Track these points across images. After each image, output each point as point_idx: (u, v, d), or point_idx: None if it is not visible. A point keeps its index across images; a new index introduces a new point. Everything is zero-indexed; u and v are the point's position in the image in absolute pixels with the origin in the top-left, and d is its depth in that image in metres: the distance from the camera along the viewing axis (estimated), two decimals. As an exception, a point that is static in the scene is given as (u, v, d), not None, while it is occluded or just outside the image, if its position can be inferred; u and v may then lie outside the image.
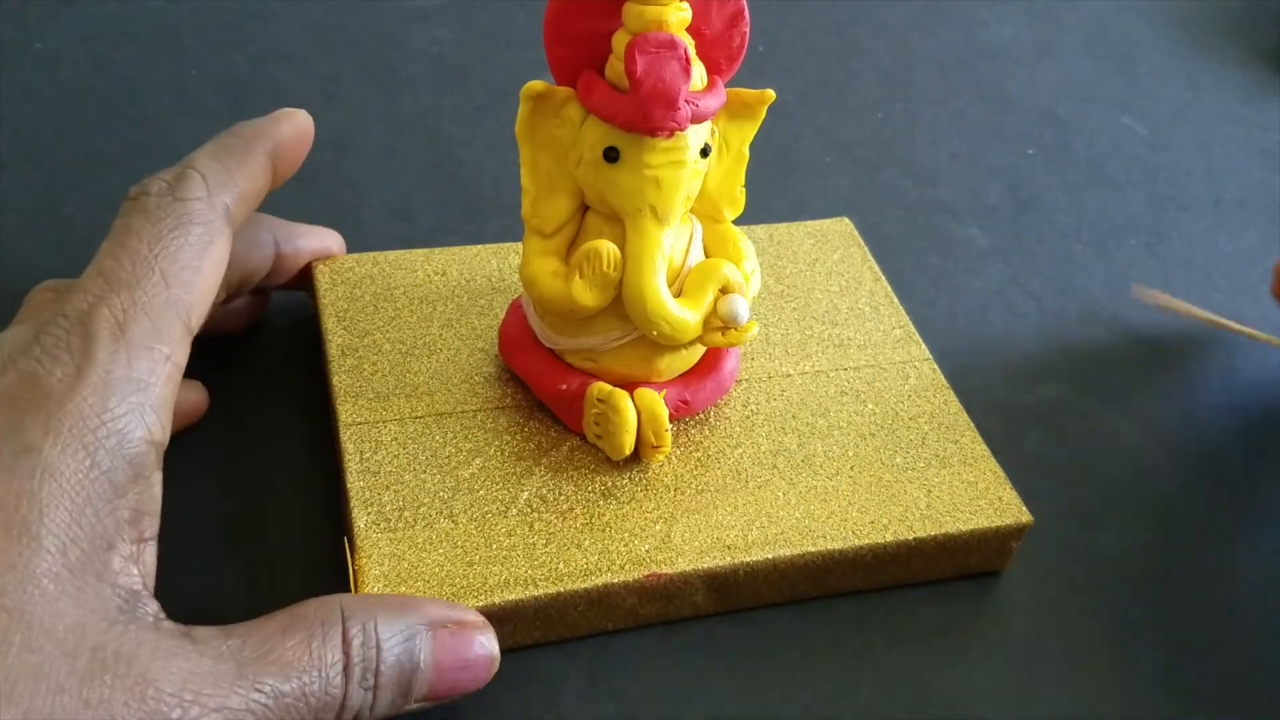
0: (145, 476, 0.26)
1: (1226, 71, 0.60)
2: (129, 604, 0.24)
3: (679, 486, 0.32)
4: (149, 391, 0.26)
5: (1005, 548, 0.33)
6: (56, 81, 0.47)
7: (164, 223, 0.28)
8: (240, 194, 0.30)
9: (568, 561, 0.30)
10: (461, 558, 0.30)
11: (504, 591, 0.29)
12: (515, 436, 0.33)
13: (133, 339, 0.26)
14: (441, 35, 0.53)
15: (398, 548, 0.30)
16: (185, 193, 0.28)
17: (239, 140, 0.31)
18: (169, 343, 0.27)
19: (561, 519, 0.31)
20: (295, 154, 0.32)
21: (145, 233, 0.28)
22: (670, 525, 0.31)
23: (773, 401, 0.35)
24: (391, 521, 0.30)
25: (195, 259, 0.28)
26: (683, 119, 0.28)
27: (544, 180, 0.31)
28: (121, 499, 0.25)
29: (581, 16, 0.29)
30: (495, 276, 0.38)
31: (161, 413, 0.26)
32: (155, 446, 0.26)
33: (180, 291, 0.27)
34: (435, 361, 0.35)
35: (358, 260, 0.37)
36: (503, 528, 0.31)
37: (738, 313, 0.31)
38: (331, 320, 0.35)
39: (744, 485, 0.33)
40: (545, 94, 0.30)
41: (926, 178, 0.50)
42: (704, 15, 0.30)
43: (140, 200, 0.28)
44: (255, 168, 0.31)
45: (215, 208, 0.29)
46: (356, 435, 0.32)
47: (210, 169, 0.29)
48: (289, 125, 0.32)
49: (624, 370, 0.32)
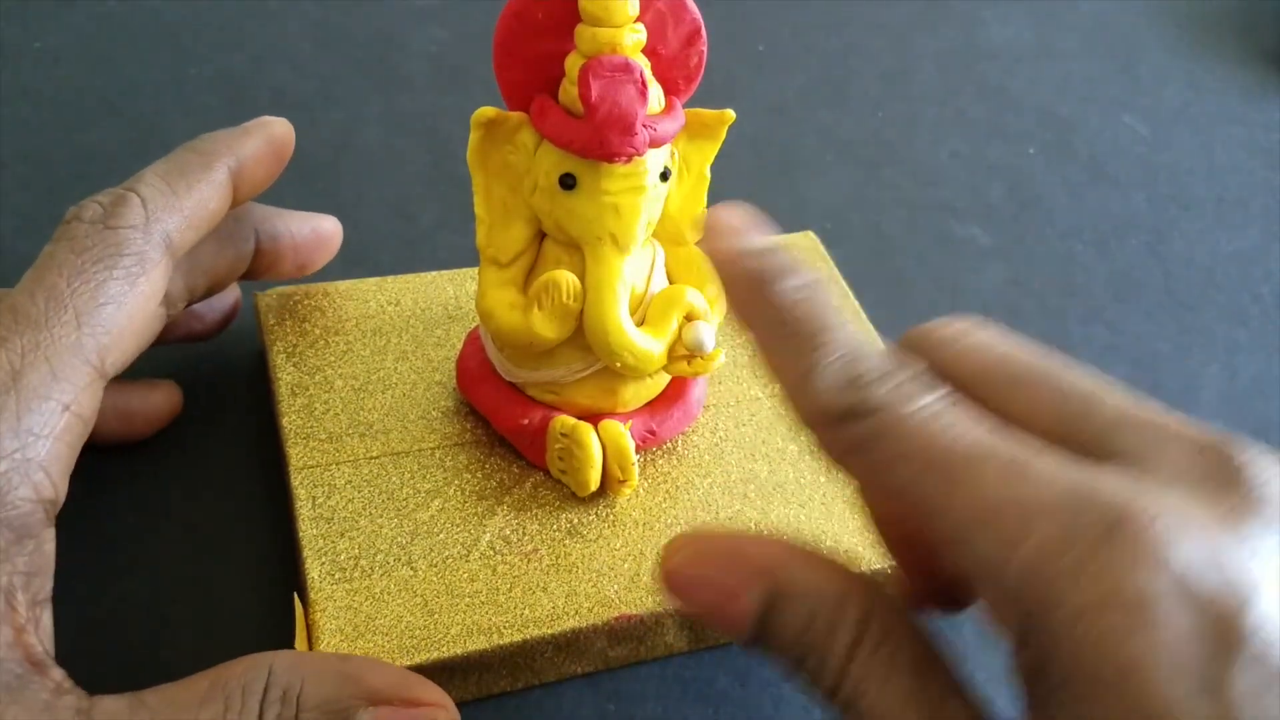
0: (33, 536, 0.23)
1: (1227, 71, 0.58)
2: (20, 679, 0.22)
3: (647, 521, 0.31)
4: (38, 446, 0.23)
5: None
6: (56, 81, 0.46)
7: (89, 253, 0.25)
8: (186, 219, 0.27)
9: (533, 606, 0.28)
10: (421, 606, 0.28)
11: (467, 641, 0.27)
12: (476, 474, 0.31)
13: (27, 388, 0.24)
14: (440, 35, 0.52)
15: (354, 599, 0.28)
16: (118, 220, 0.26)
17: (196, 157, 0.28)
18: (70, 390, 0.24)
19: (526, 561, 0.29)
20: (265, 168, 0.30)
21: (67, 265, 0.25)
22: (639, 563, 0.30)
23: (741, 427, 0.33)
24: (347, 571, 0.28)
25: (120, 293, 0.25)
26: (640, 144, 0.27)
27: (499, 208, 0.29)
28: (4, 564, 0.23)
29: (532, 38, 0.28)
30: (451, 305, 0.36)
31: (53, 468, 0.24)
32: (45, 505, 0.24)
33: (93, 331, 0.25)
34: (390, 397, 0.33)
35: (306, 291, 0.35)
36: (464, 573, 0.29)
37: (703, 340, 0.29)
38: (280, 356, 0.33)
39: (714, 517, 0.31)
40: (497, 120, 0.28)
41: (927, 177, 0.48)
42: (660, 35, 0.28)
43: (71, 227, 0.26)
44: (210, 188, 0.28)
45: (151, 236, 0.26)
46: (308, 479, 0.30)
47: (153, 192, 0.27)
48: (259, 139, 0.30)
49: (587, 402, 0.31)
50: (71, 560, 0.29)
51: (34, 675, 0.22)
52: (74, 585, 0.29)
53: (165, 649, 0.29)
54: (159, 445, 0.33)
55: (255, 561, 0.31)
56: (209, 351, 0.36)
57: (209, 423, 0.34)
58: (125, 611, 0.29)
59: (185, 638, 0.29)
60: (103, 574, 0.26)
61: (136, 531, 0.31)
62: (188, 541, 0.31)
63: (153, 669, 0.26)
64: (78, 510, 0.27)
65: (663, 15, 0.28)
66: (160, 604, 0.30)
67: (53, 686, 0.22)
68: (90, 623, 0.25)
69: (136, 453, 0.33)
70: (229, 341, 0.36)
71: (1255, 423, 0.40)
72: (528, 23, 0.28)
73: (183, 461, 0.33)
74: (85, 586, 0.29)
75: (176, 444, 0.33)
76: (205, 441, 0.34)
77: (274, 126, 0.30)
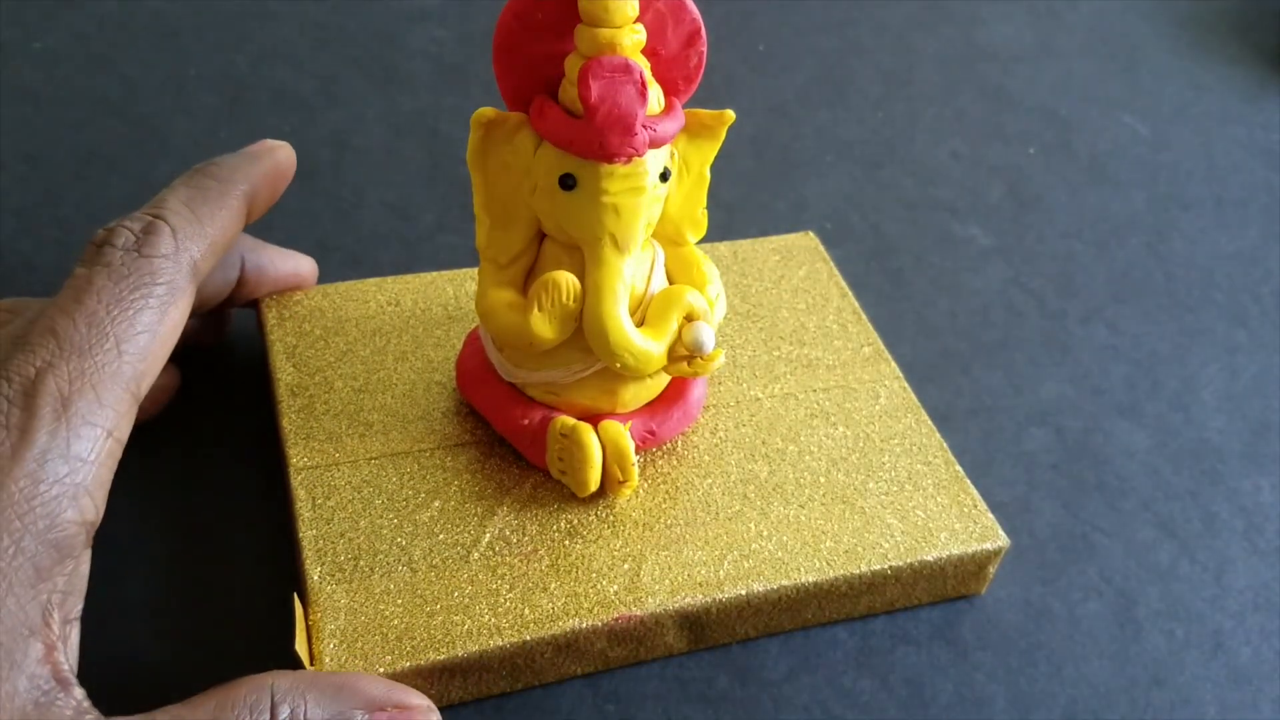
0: (73, 557, 0.24)
1: (1228, 71, 0.58)
2: (47, 695, 0.22)
3: (647, 522, 0.31)
4: (85, 471, 0.24)
5: (982, 572, 0.32)
6: (55, 81, 0.46)
7: (126, 281, 0.26)
8: (210, 245, 0.28)
9: (533, 607, 0.28)
10: (421, 608, 0.28)
11: (467, 642, 0.27)
12: (476, 475, 0.31)
13: (75, 415, 0.24)
14: (440, 35, 0.52)
15: (354, 600, 0.28)
16: (153, 249, 0.27)
17: (214, 184, 0.29)
18: (113, 417, 0.25)
19: (525, 561, 0.29)
20: (272, 192, 0.30)
21: (105, 292, 0.26)
22: (639, 564, 0.30)
23: (741, 428, 0.33)
24: (347, 572, 0.28)
25: (154, 323, 0.26)
26: (640, 145, 0.27)
27: (498, 209, 0.29)
28: (45, 583, 0.23)
29: (532, 39, 0.28)
30: (451, 305, 0.36)
31: (97, 493, 0.25)
32: (87, 527, 0.24)
33: (132, 359, 0.26)
34: (390, 398, 0.33)
35: (306, 293, 0.35)
36: (464, 574, 0.29)
37: (703, 341, 0.29)
38: (280, 358, 0.33)
39: (714, 517, 0.31)
40: (496, 120, 0.28)
41: (927, 177, 0.48)
42: (660, 35, 0.28)
43: (105, 253, 0.26)
44: (229, 214, 0.29)
45: (181, 265, 0.27)
46: (308, 480, 0.30)
47: (180, 220, 0.28)
48: (268, 163, 0.30)
49: (587, 403, 0.31)
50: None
51: (59, 693, 0.23)
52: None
53: (164, 649, 0.29)
54: (159, 444, 0.33)
55: (255, 561, 0.31)
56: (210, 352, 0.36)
57: (210, 423, 0.34)
58: (124, 611, 0.29)
59: (184, 638, 0.29)
60: (102, 574, 0.26)
61: (135, 531, 0.31)
62: (187, 541, 0.31)
63: (152, 669, 0.26)
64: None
65: (662, 16, 0.28)
66: (159, 603, 0.30)
67: (75, 705, 0.23)
68: (89, 623, 0.25)
69: (136, 451, 0.33)
70: (230, 342, 0.36)
71: (1255, 423, 0.40)
72: (528, 23, 0.27)
73: (183, 461, 0.33)
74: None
75: (177, 443, 0.33)
76: (206, 441, 0.34)
77: (279, 152, 0.31)
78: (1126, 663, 0.32)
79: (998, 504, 0.35)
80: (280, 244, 0.36)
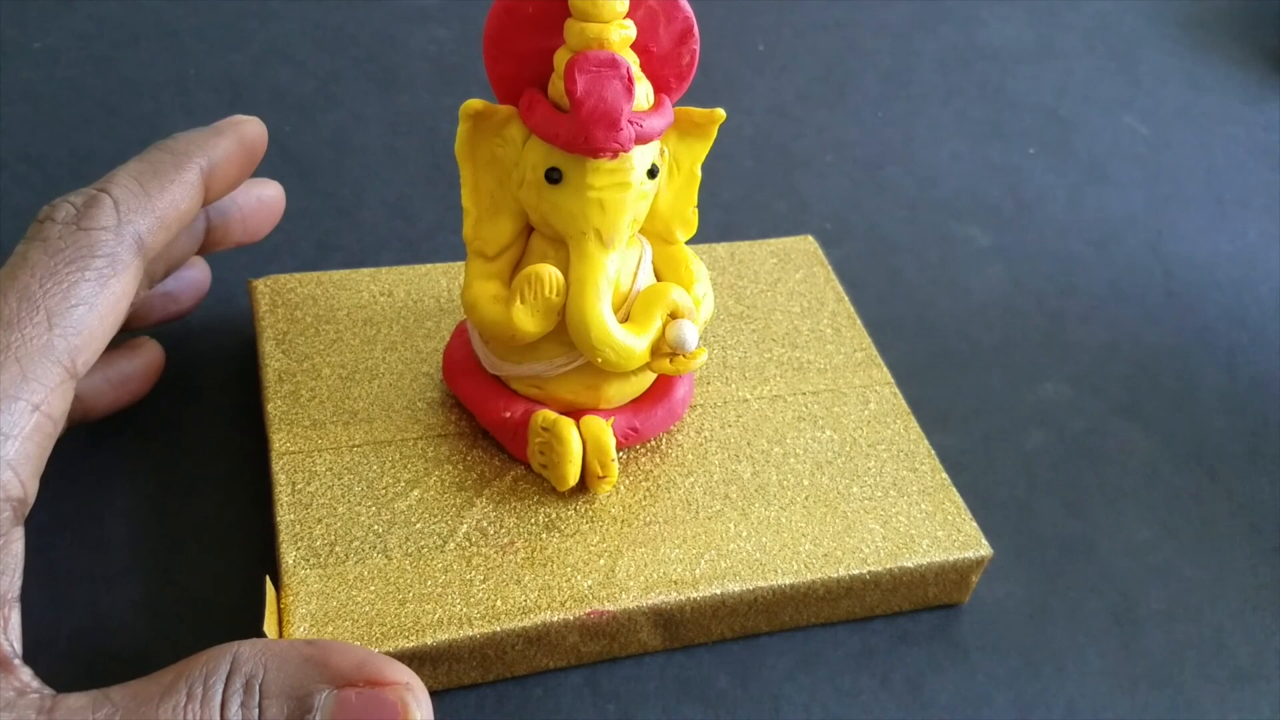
0: (1, 535, 0.23)
1: (1227, 71, 0.58)
2: None
3: (626, 518, 0.30)
4: (6, 446, 0.24)
5: (965, 581, 0.32)
6: (55, 81, 0.46)
7: (61, 255, 0.25)
8: (159, 219, 0.27)
9: (506, 599, 0.28)
10: (394, 595, 0.28)
11: (436, 631, 0.27)
12: (457, 466, 0.31)
13: None
14: (440, 35, 0.52)
15: (327, 585, 0.28)
16: (91, 221, 0.26)
17: (169, 157, 0.28)
18: (41, 391, 0.24)
19: (501, 553, 0.29)
20: (237, 168, 0.30)
21: (40, 266, 0.25)
22: (615, 559, 0.29)
23: (727, 428, 0.33)
24: (321, 557, 0.28)
25: (90, 295, 0.26)
26: (625, 140, 0.27)
27: (486, 201, 0.29)
28: None
29: (522, 33, 0.28)
30: (444, 297, 0.36)
31: (22, 468, 0.24)
32: (13, 503, 0.24)
33: (65, 333, 0.25)
34: (376, 387, 0.33)
35: (300, 280, 0.35)
36: (439, 563, 0.29)
37: (685, 339, 0.29)
38: (270, 343, 0.33)
39: (694, 516, 0.31)
40: (485, 112, 0.28)
41: (927, 177, 0.49)
42: (651, 33, 0.28)
43: (43, 227, 0.26)
44: (182, 189, 0.28)
45: (124, 237, 0.26)
46: (289, 465, 0.30)
47: (125, 193, 0.27)
48: (231, 138, 0.29)
49: (570, 397, 0.31)
50: (47, 539, 0.29)
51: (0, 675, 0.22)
52: (50, 564, 0.29)
53: (137, 630, 0.29)
54: (145, 428, 0.33)
55: (234, 545, 0.31)
56: (200, 336, 0.36)
57: (196, 406, 0.34)
58: (98, 591, 0.29)
59: (158, 619, 0.29)
60: (75, 552, 0.26)
61: (115, 509, 0.31)
62: (165, 523, 0.31)
63: (126, 649, 0.26)
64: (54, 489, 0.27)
65: (654, 13, 0.28)
66: (134, 584, 0.30)
67: (18, 685, 0.22)
68: (64, 602, 0.25)
69: (121, 432, 0.33)
70: (220, 327, 0.36)
71: (1255, 423, 0.40)
72: (518, 17, 0.28)
73: (168, 446, 0.33)
74: (61, 565, 0.29)
75: (163, 428, 0.33)
76: (192, 425, 0.34)
77: (246, 126, 0.30)
78: (1126, 663, 0.32)
79: (997, 504, 0.35)
80: (280, 244, 0.35)
